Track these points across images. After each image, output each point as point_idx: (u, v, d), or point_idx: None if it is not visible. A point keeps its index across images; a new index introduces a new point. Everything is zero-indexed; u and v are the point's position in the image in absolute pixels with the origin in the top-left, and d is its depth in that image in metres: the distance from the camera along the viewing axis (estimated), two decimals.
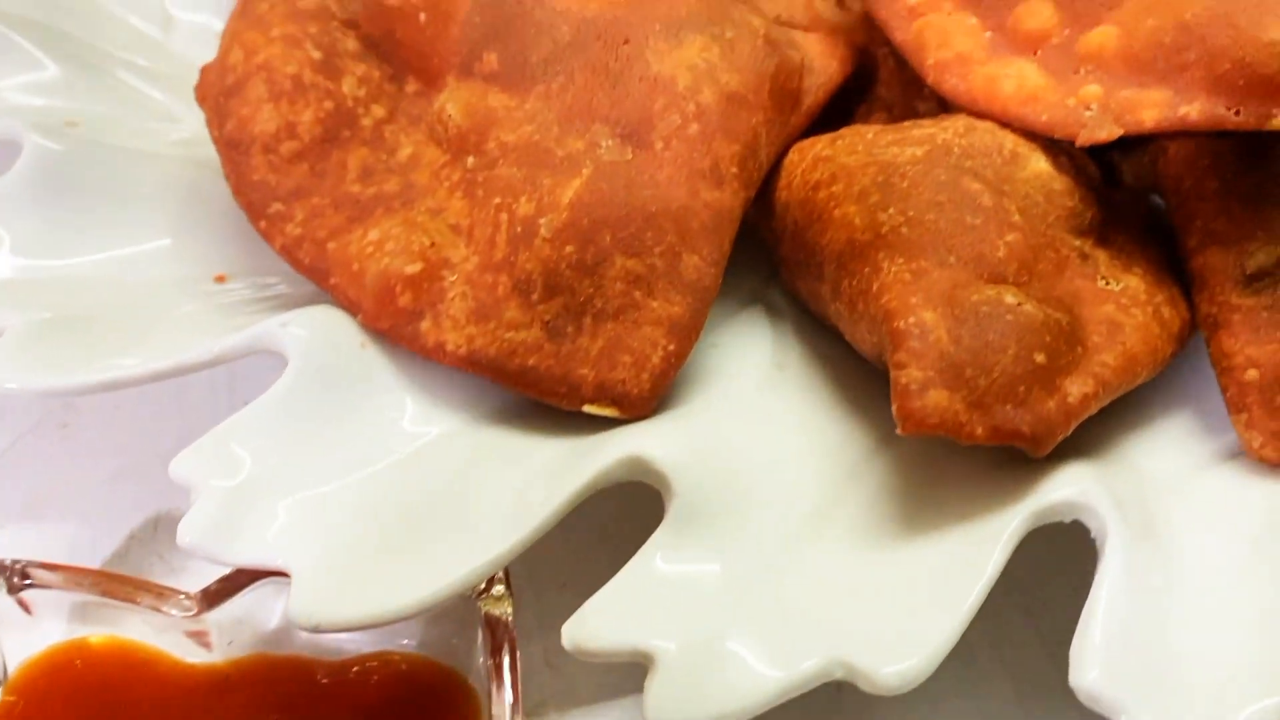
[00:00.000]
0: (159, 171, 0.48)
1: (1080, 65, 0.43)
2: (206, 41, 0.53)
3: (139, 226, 0.46)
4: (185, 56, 0.56)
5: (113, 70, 0.53)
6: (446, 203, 0.42)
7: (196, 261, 0.46)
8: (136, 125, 0.50)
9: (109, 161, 0.47)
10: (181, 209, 0.47)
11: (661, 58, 0.43)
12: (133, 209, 0.46)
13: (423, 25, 0.44)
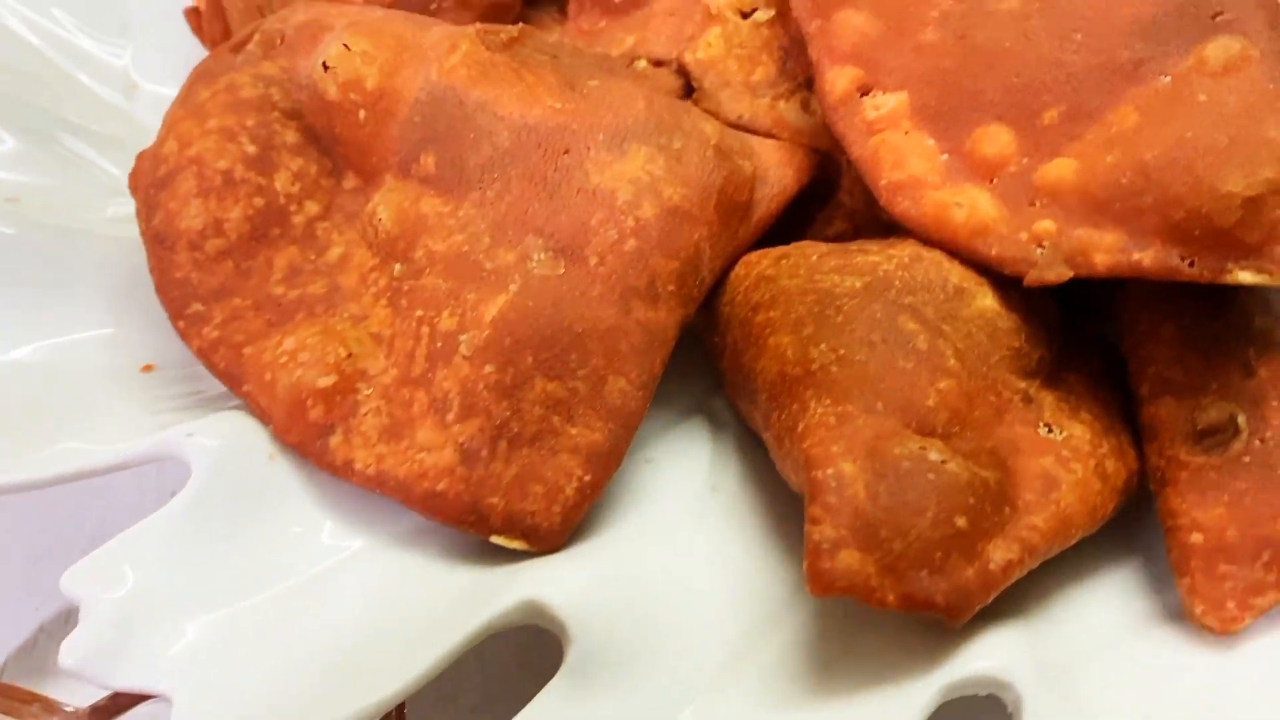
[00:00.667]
0: (96, 253, 0.47)
1: (1036, 197, 0.41)
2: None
3: (70, 314, 0.45)
4: (146, 125, 0.55)
5: (68, 141, 0.52)
6: (371, 309, 0.41)
7: (127, 350, 0.45)
8: (82, 201, 0.50)
9: (45, 245, 0.46)
10: (116, 294, 0.46)
11: (602, 169, 0.42)
12: (65, 296, 0.45)
13: (362, 122, 0.43)
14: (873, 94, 0.45)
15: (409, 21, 0.46)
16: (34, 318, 0.44)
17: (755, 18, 0.51)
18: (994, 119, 0.42)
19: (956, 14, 0.44)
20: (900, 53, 0.45)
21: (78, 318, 0.45)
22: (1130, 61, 0.40)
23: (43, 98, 0.53)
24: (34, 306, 0.45)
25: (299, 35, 0.47)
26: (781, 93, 0.50)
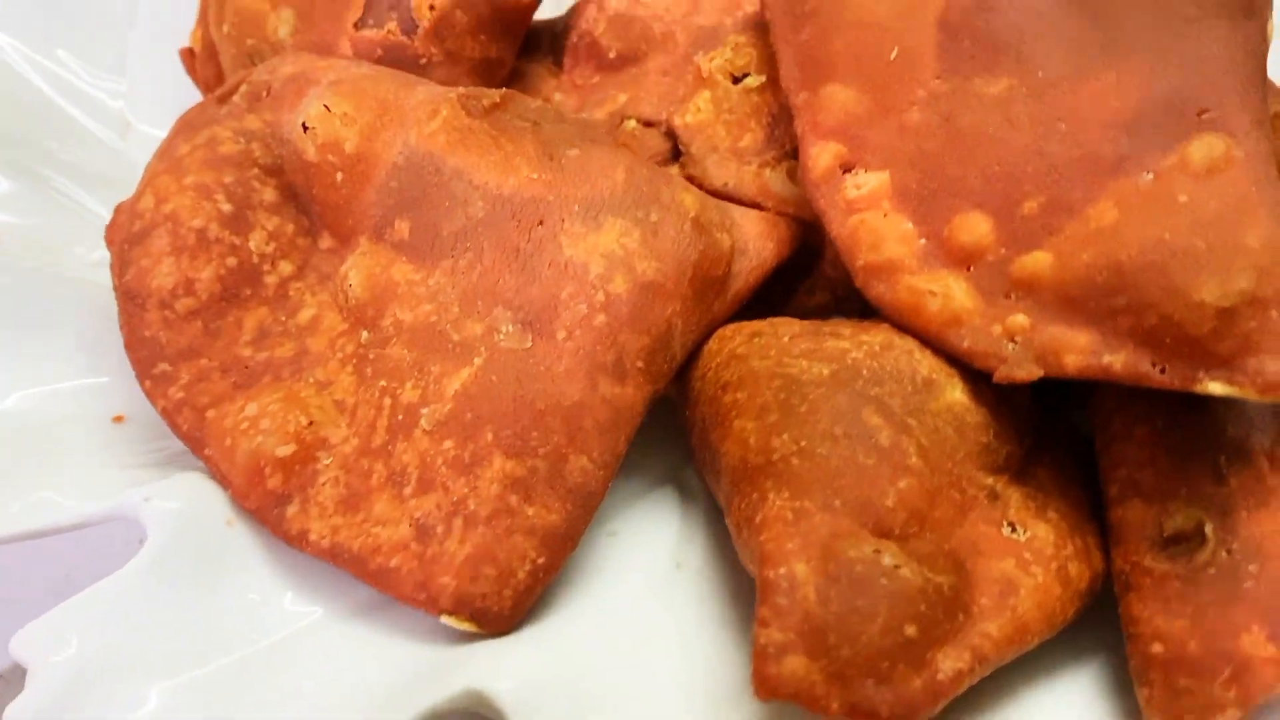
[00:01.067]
0: (75, 299, 0.47)
1: (1012, 290, 0.40)
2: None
3: (47, 363, 0.45)
4: (138, 165, 0.55)
5: (60, 182, 0.53)
6: (337, 375, 0.41)
7: (101, 399, 0.45)
8: (67, 244, 0.50)
9: (23, 289, 0.46)
10: (92, 342, 0.46)
11: (576, 242, 0.41)
12: (43, 343, 0.45)
13: (339, 185, 0.43)
14: (855, 172, 0.44)
15: (393, 80, 0.46)
16: (10, 365, 0.45)
17: (746, 83, 0.51)
18: (974, 206, 0.42)
19: (943, 95, 0.44)
20: (885, 131, 0.44)
21: (53, 366, 0.45)
22: (1113, 156, 0.40)
23: (37, 134, 0.54)
24: (10, 354, 0.45)
25: (285, 88, 0.47)
26: (768, 160, 0.50)
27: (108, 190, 0.53)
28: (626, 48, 0.55)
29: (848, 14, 0.46)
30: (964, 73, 0.44)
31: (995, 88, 0.43)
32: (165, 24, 0.57)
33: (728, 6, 0.54)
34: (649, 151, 0.52)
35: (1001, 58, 0.43)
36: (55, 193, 0.51)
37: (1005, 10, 0.43)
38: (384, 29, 0.50)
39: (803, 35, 0.47)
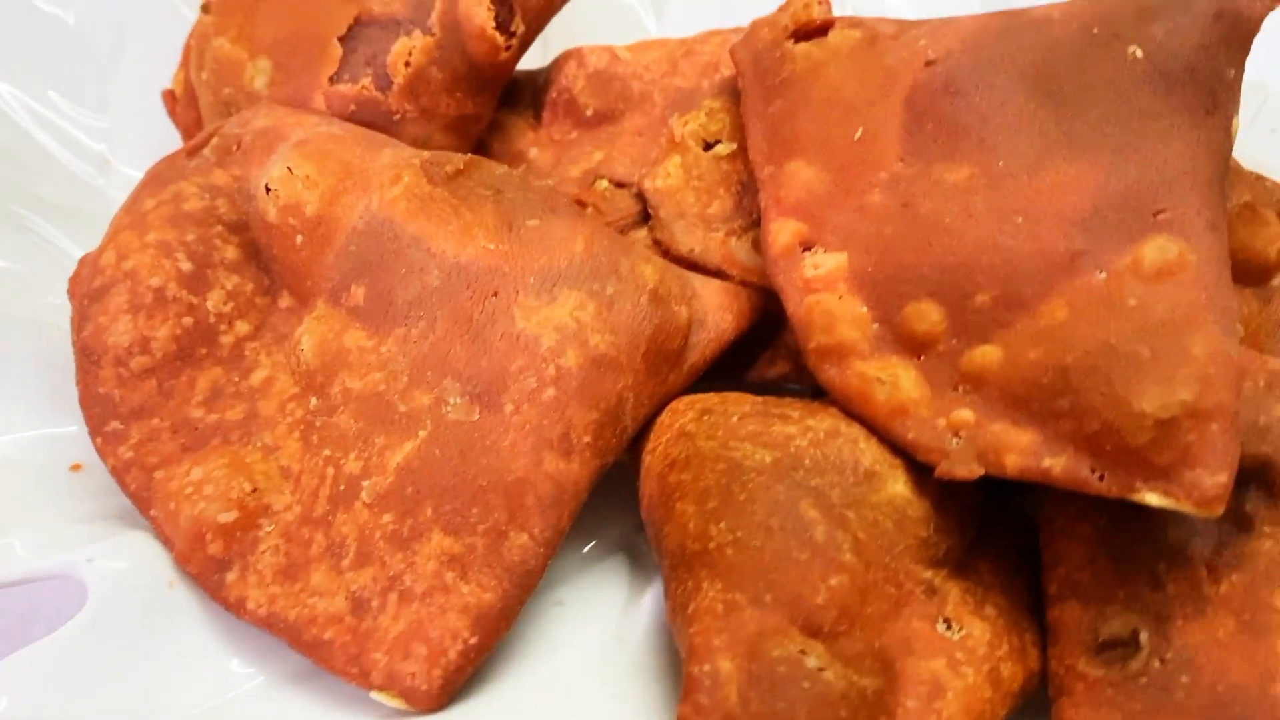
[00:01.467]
0: (38, 343, 0.47)
1: (960, 382, 0.40)
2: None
3: (8, 408, 0.45)
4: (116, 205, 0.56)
5: (35, 221, 0.53)
6: (284, 441, 0.41)
7: (59, 447, 0.45)
8: (35, 286, 0.50)
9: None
10: (52, 388, 0.46)
11: (529, 314, 0.42)
12: (6, 388, 0.46)
13: (298, 247, 0.43)
14: (814, 250, 0.44)
15: (359, 142, 0.46)
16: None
17: (716, 150, 0.51)
18: (927, 295, 0.41)
19: (905, 179, 0.44)
20: (845, 211, 0.44)
21: (17, 412, 0.46)
22: (1067, 253, 0.40)
23: (15, 170, 0.54)
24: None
25: (255, 142, 0.47)
26: (735, 229, 0.50)
27: (83, 230, 0.54)
28: (604, 106, 0.55)
29: (815, 91, 0.46)
30: (926, 157, 0.43)
31: (956, 175, 0.42)
32: (150, 64, 0.58)
33: (706, 69, 0.54)
34: (619, 213, 0.52)
35: (964, 144, 0.43)
36: (30, 233, 0.52)
37: (971, 95, 0.43)
38: (358, 84, 0.50)
39: (772, 108, 0.47)
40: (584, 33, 0.64)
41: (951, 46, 0.45)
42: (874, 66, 0.46)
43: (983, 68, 0.44)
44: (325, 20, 0.51)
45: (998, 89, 0.43)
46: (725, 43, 0.55)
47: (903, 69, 0.45)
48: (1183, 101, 0.41)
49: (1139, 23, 0.42)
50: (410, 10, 0.51)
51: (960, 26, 0.46)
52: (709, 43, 0.55)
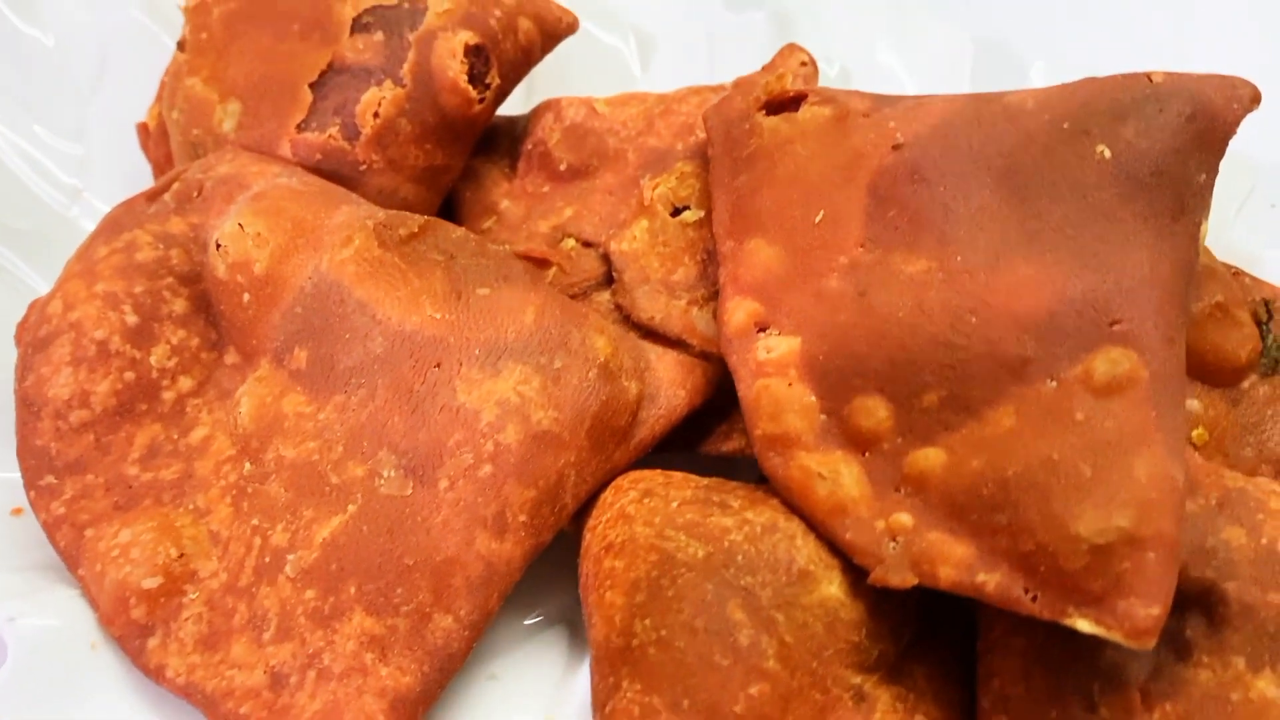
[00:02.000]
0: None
1: (902, 484, 0.39)
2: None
3: None
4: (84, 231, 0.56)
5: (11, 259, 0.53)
6: (216, 505, 0.41)
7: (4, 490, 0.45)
8: None
9: None
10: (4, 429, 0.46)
11: (471, 387, 0.41)
12: None
13: (245, 305, 0.43)
14: (768, 332, 0.43)
15: (317, 198, 0.46)
16: None
17: (684, 217, 0.50)
18: (876, 389, 0.41)
19: (863, 266, 0.43)
20: (802, 295, 0.43)
21: None
22: (1018, 358, 0.39)
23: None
24: None
25: (216, 190, 0.47)
26: (697, 298, 0.49)
27: (49, 263, 0.53)
28: (578, 161, 0.55)
29: (781, 169, 0.46)
30: (887, 244, 0.43)
31: (914, 266, 0.41)
32: (129, 93, 0.57)
33: (681, 131, 0.54)
34: (583, 274, 0.51)
35: (925, 235, 0.42)
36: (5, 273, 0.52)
37: (935, 185, 0.42)
38: (325, 133, 0.50)
39: (737, 181, 0.47)
40: (569, 76, 0.63)
41: (920, 131, 0.44)
42: (841, 147, 0.45)
43: (950, 156, 0.43)
44: (297, 65, 0.51)
45: (963, 180, 0.42)
46: (704, 103, 0.54)
47: (870, 151, 0.44)
48: (1148, 206, 0.40)
49: (1110, 121, 0.41)
50: (382, 60, 0.51)
51: (932, 109, 0.45)
52: (687, 102, 0.55)
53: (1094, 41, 0.66)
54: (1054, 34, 0.64)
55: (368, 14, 0.51)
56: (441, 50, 0.51)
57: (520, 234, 0.53)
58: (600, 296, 0.51)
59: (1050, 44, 0.63)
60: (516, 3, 0.54)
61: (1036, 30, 0.64)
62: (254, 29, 0.52)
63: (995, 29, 0.69)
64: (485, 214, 0.55)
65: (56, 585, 0.41)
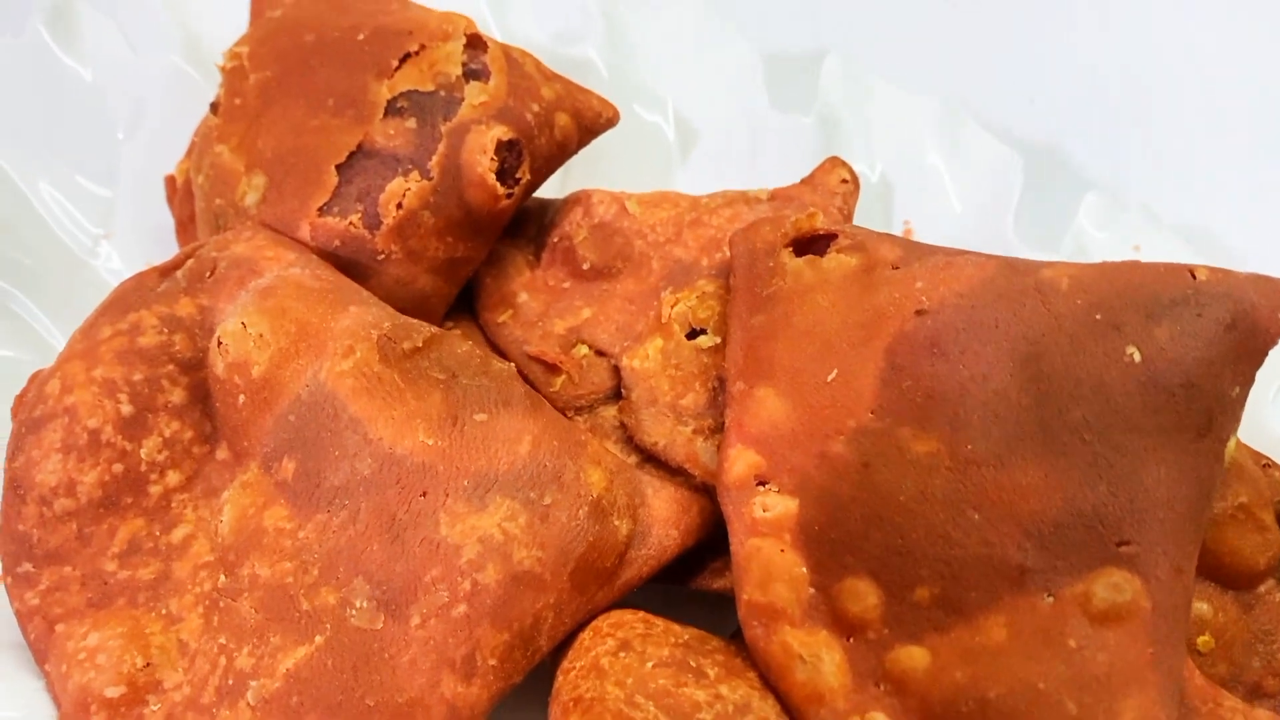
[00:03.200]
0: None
1: (882, 680, 0.38)
2: (135, 269, 0.52)
3: None
4: (106, 284, 0.56)
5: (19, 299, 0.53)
6: (189, 613, 0.40)
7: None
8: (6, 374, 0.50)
9: None
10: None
11: (455, 521, 0.40)
12: None
13: (240, 407, 0.42)
14: (768, 488, 0.42)
15: (327, 296, 0.45)
16: None
17: (699, 341, 0.49)
18: (869, 573, 0.39)
19: (871, 434, 0.41)
20: (806, 455, 0.42)
21: None
22: (1018, 566, 0.37)
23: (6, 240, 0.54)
24: None
25: (229, 273, 0.46)
26: (704, 427, 0.48)
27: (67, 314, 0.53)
28: (602, 261, 0.53)
29: (799, 317, 0.44)
30: (897, 416, 0.41)
31: (922, 446, 0.40)
32: (162, 142, 0.57)
33: (709, 245, 0.52)
34: (591, 385, 0.50)
35: (937, 414, 0.40)
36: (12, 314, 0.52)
37: (955, 361, 0.41)
38: (346, 220, 0.49)
39: (755, 320, 0.45)
40: (607, 154, 0.62)
41: (946, 297, 0.42)
42: (863, 304, 0.43)
43: (973, 331, 0.41)
44: (327, 143, 0.50)
45: (983, 360, 0.40)
46: (735, 216, 0.53)
47: (892, 312, 0.43)
48: (1174, 420, 0.38)
49: (1144, 320, 0.39)
50: (412, 149, 0.50)
51: (962, 273, 0.43)
52: (719, 214, 0.53)
53: (1151, 174, 0.64)
54: (1112, 159, 0.62)
55: (404, 98, 0.51)
56: (473, 144, 0.50)
57: (535, 332, 0.52)
58: (606, 411, 0.50)
59: (1108, 170, 0.61)
60: (556, 96, 0.53)
61: (1094, 152, 0.62)
62: (289, 99, 0.52)
63: (1050, 147, 0.67)
64: (503, 305, 0.54)
65: (23, 673, 0.41)
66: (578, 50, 0.63)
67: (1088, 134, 0.69)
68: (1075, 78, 0.77)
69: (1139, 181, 0.65)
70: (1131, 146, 0.69)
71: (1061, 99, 0.76)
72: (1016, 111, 0.75)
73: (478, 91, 0.51)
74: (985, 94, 0.76)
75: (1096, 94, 0.75)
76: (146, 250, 0.55)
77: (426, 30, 0.52)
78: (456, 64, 0.51)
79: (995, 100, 0.76)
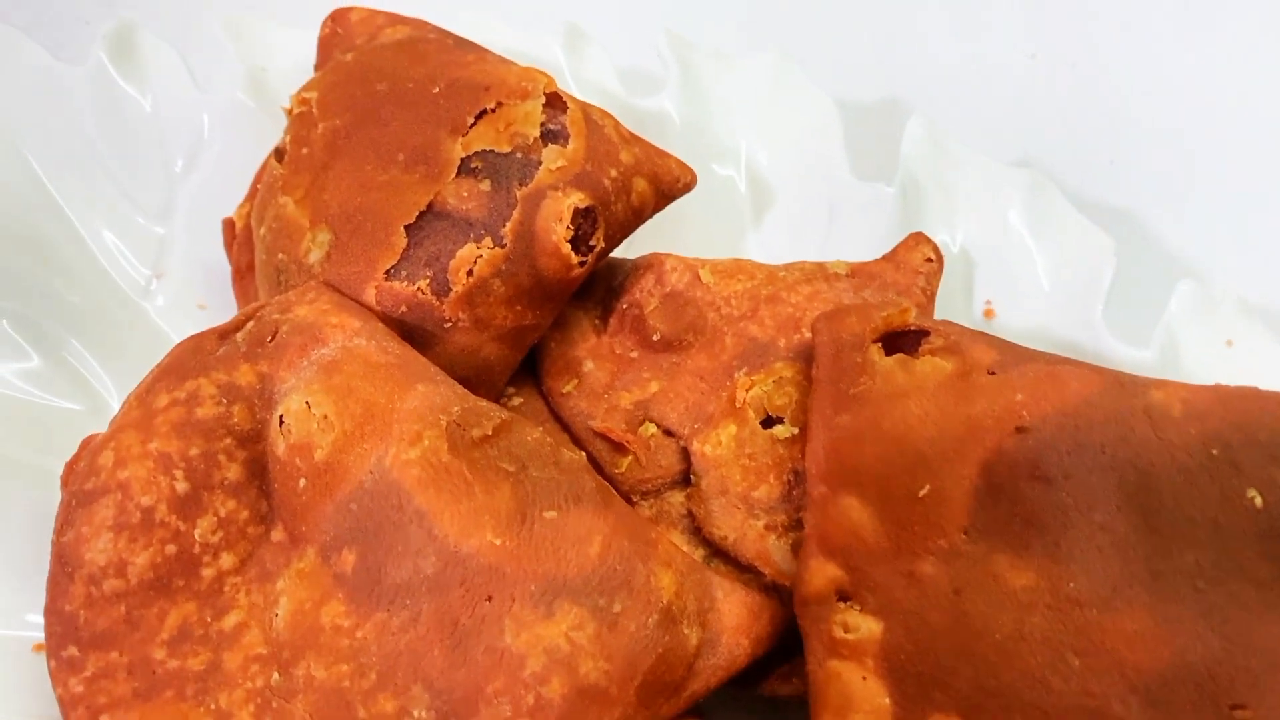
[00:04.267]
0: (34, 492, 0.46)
1: None
2: (186, 312, 0.51)
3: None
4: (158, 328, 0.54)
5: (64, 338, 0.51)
6: (238, 711, 0.39)
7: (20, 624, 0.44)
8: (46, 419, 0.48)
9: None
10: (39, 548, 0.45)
11: (520, 629, 0.38)
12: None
13: (300, 491, 0.41)
14: (850, 606, 0.40)
15: (394, 373, 0.43)
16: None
17: (775, 431, 0.47)
18: (958, 712, 0.37)
19: (963, 556, 0.39)
20: (893, 574, 0.40)
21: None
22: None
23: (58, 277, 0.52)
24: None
25: (291, 338, 0.44)
26: (776, 524, 0.46)
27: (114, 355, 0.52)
28: (673, 333, 0.51)
29: (889, 423, 0.42)
30: (992, 540, 0.39)
31: (1019, 579, 0.38)
32: (221, 180, 0.55)
33: (785, 325, 0.50)
34: (659, 469, 0.48)
35: (1036, 543, 0.38)
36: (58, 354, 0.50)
37: (1058, 487, 0.38)
38: (414, 285, 0.47)
39: (840, 419, 0.43)
40: (677, 210, 0.59)
41: (1049, 414, 0.40)
42: (958, 414, 0.41)
43: (1078, 456, 0.39)
44: (397, 201, 0.48)
45: (1088, 489, 0.38)
46: (815, 295, 0.51)
47: (990, 425, 0.40)
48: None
49: (1267, 461, 0.37)
50: (485, 213, 0.48)
51: (1066, 388, 0.41)
52: (798, 291, 0.51)
53: (1239, 253, 0.62)
54: (1210, 258, 0.59)
55: (478, 158, 0.48)
56: (548, 212, 0.48)
57: (601, 405, 0.50)
58: (674, 497, 0.48)
59: (1204, 268, 0.58)
60: (635, 160, 0.51)
61: (1193, 249, 0.59)
62: (358, 151, 0.49)
63: (1143, 238, 0.64)
64: (568, 373, 0.52)
65: None
66: (652, 102, 0.60)
67: (1172, 203, 0.66)
68: (1156, 141, 0.75)
69: (1228, 264, 0.62)
70: (1218, 221, 0.66)
71: (1142, 163, 0.73)
72: (1097, 174, 0.73)
73: (555, 155, 0.48)
74: (1063, 153, 0.73)
75: (1181, 159, 0.73)
76: (196, 292, 0.54)
77: (505, 87, 0.49)
78: (535, 125, 0.49)
79: (1074, 160, 0.73)
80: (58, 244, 0.53)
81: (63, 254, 0.53)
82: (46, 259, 0.52)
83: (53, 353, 0.50)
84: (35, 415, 0.48)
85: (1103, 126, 0.75)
